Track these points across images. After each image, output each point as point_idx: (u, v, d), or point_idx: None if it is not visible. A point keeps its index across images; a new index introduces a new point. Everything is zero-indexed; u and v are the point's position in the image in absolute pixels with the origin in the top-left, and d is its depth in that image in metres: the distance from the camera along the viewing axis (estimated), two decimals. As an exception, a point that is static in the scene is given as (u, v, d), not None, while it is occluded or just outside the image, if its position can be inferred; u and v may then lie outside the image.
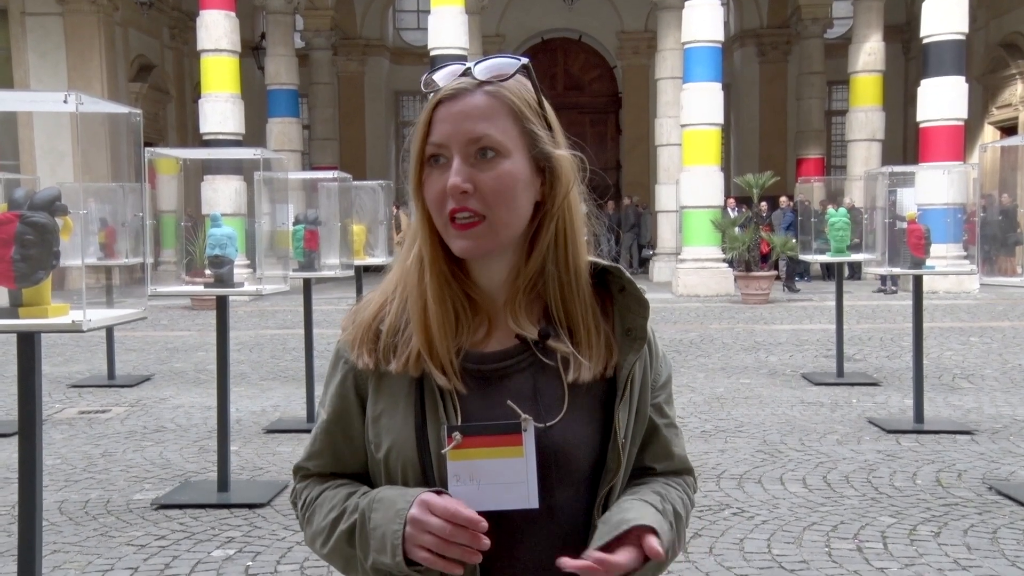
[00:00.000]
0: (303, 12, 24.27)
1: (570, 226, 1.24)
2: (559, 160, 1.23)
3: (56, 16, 19.92)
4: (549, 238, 1.23)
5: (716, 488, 5.39)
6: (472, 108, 1.19)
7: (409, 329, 1.24)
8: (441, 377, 1.20)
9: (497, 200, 1.18)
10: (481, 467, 1.14)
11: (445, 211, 1.18)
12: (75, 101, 3.27)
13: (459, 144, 1.18)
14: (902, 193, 11.95)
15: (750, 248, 16.13)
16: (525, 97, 1.21)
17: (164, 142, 22.57)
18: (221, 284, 5.54)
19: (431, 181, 1.20)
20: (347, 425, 1.29)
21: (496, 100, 1.19)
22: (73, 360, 10.58)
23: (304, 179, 11.56)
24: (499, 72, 1.20)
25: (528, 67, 1.22)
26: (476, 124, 1.18)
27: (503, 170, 1.18)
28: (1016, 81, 21.13)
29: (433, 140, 1.20)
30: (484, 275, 1.25)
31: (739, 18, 27.45)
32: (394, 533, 1.15)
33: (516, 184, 1.19)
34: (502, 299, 1.26)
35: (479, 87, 1.20)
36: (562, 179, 1.23)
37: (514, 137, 1.19)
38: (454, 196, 1.17)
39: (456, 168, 1.17)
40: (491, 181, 1.17)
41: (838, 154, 26.80)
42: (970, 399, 7.89)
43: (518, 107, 1.20)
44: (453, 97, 1.20)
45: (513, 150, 1.19)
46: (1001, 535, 4.57)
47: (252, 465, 6.08)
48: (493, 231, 1.19)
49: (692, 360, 10.01)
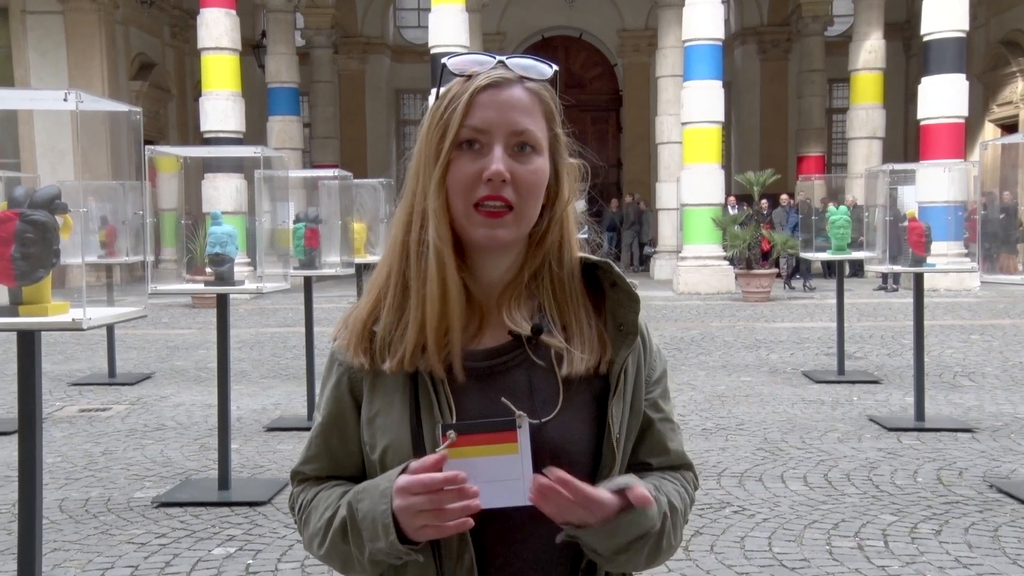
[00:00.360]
0: (304, 10, 24.27)
1: (567, 229, 1.27)
2: (569, 168, 1.27)
3: (57, 14, 19.93)
4: (553, 239, 1.25)
5: (717, 486, 5.39)
6: (517, 100, 1.20)
7: (404, 322, 1.22)
8: (439, 368, 1.20)
9: (528, 194, 1.20)
10: (476, 465, 1.14)
11: (474, 196, 1.18)
12: (75, 99, 3.27)
13: (503, 133, 1.19)
14: (903, 191, 11.95)
15: (751, 246, 16.12)
16: (554, 102, 1.25)
17: (165, 140, 22.59)
18: (222, 282, 5.54)
19: (461, 164, 1.19)
20: (343, 428, 1.29)
21: (535, 98, 1.22)
22: (74, 358, 10.58)
23: (305, 177, 11.56)
24: (538, 73, 1.23)
25: (557, 75, 1.25)
26: (520, 117, 1.20)
27: (538, 166, 1.21)
28: (1017, 79, 21.11)
29: (472, 124, 1.19)
30: (487, 269, 1.25)
31: (740, 16, 27.43)
32: (383, 513, 1.14)
33: (544, 181, 1.22)
34: (495, 296, 1.26)
35: (520, 81, 1.22)
36: (568, 186, 1.27)
37: (545, 137, 1.23)
38: (493, 183, 1.17)
39: (499, 155, 1.18)
40: (528, 175, 1.19)
41: (839, 152, 26.80)
42: (971, 397, 7.89)
43: (551, 110, 1.24)
44: (497, 86, 1.20)
45: (544, 149, 1.22)
46: (1002, 533, 4.57)
47: (253, 463, 6.08)
48: (517, 224, 1.20)
49: (693, 358, 10.01)
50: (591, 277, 1.29)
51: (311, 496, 1.30)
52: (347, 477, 1.29)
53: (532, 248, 1.25)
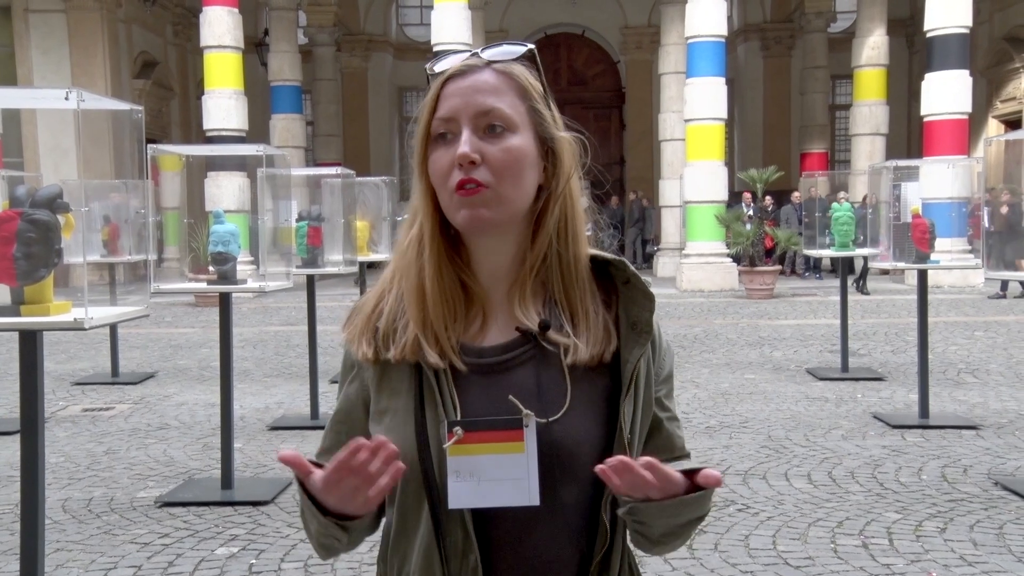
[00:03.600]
0: (306, 8, 24.27)
1: (571, 209, 1.24)
2: (562, 142, 1.24)
3: (59, 13, 19.93)
4: (554, 220, 1.23)
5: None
6: (482, 83, 1.20)
7: (406, 315, 1.23)
8: (434, 355, 1.19)
9: (504, 172, 1.18)
10: (481, 463, 1.13)
11: (451, 183, 1.17)
12: (77, 98, 3.26)
13: (468, 116, 1.18)
14: (906, 187, 11.92)
15: (754, 243, 16.11)
16: (531, 79, 1.23)
17: (167, 139, 22.59)
18: (224, 281, 5.53)
19: (436, 157, 1.20)
20: (352, 423, 1.29)
21: (505, 77, 1.21)
22: (76, 358, 10.59)
23: (307, 175, 11.56)
24: (506, 54, 1.23)
25: (534, 52, 1.24)
26: (486, 98, 1.19)
27: (511, 144, 1.19)
28: (1020, 75, 21.05)
29: (441, 115, 1.19)
30: (487, 260, 1.24)
31: (742, 12, 27.38)
32: (305, 500, 1.18)
33: (523, 159, 1.19)
34: (502, 290, 1.24)
35: (488, 66, 1.21)
36: (565, 161, 1.24)
37: (522, 114, 1.21)
38: (463, 166, 1.16)
39: (465, 138, 1.17)
40: (499, 153, 1.18)
41: (842, 148, 26.74)
42: (975, 394, 7.87)
43: (525, 86, 1.22)
44: (462, 74, 1.20)
45: (521, 127, 1.20)
46: (1007, 530, 4.55)
47: (256, 462, 6.07)
48: (497, 201, 1.18)
49: (696, 356, 9.99)
50: (603, 274, 1.28)
51: None
52: None
53: (534, 231, 1.23)
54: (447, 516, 1.18)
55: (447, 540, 1.18)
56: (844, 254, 9.38)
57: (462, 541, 1.18)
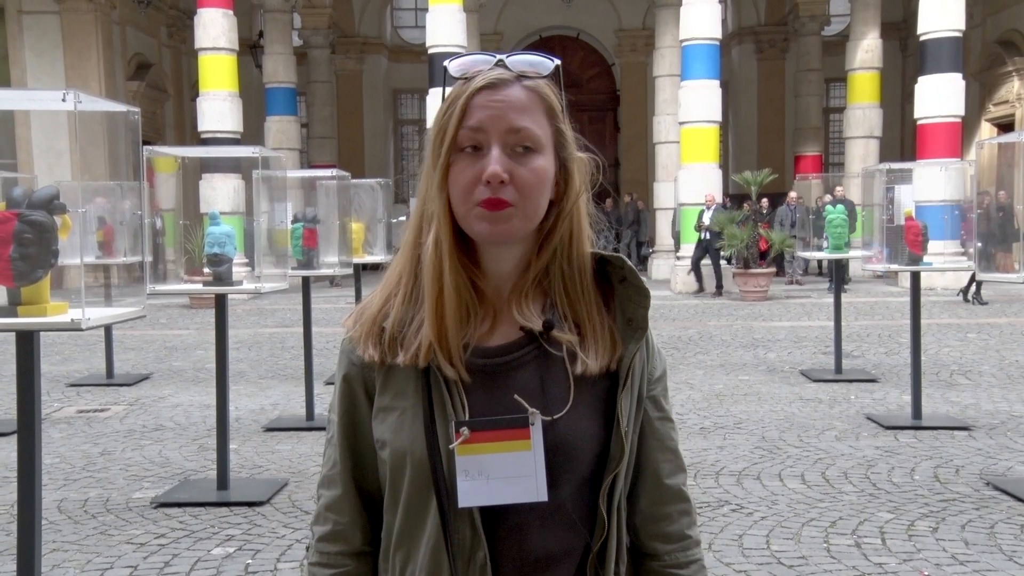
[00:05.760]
0: (301, 10, 24.24)
1: (578, 225, 1.26)
2: (578, 163, 1.25)
3: (53, 14, 19.89)
4: (560, 236, 1.24)
5: (715, 485, 5.40)
6: (514, 100, 1.19)
7: (417, 320, 1.23)
8: (448, 367, 1.20)
9: (530, 192, 1.18)
10: (489, 462, 1.15)
11: (474, 198, 1.18)
12: (73, 99, 3.28)
13: (499, 133, 1.18)
14: (900, 190, 11.97)
15: (748, 245, 16.13)
16: (555, 98, 1.23)
17: (162, 141, 22.56)
18: (220, 282, 5.54)
19: (461, 168, 1.19)
20: (357, 422, 1.29)
21: (535, 96, 1.21)
22: (72, 359, 10.58)
23: (303, 177, 11.54)
24: (537, 70, 1.23)
25: (559, 69, 1.24)
26: (518, 116, 1.18)
27: (538, 165, 1.19)
28: (1013, 78, 21.13)
29: (470, 125, 1.18)
30: (495, 264, 1.24)
31: (737, 15, 27.44)
32: None
33: (547, 179, 1.21)
34: (504, 294, 1.26)
35: (517, 80, 1.21)
36: (577, 181, 1.25)
37: (547, 134, 1.21)
38: (492, 184, 1.16)
39: (495, 156, 1.17)
40: (527, 174, 1.18)
41: (836, 151, 26.81)
42: (968, 395, 7.90)
43: (552, 105, 1.22)
44: (493, 87, 1.19)
45: (545, 147, 1.21)
46: (998, 530, 4.58)
47: (251, 463, 6.08)
48: (520, 219, 1.19)
49: (691, 357, 10.01)
50: (601, 272, 1.29)
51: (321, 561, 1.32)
52: (370, 475, 1.29)
53: (541, 243, 1.24)
54: (455, 514, 1.19)
55: (454, 538, 1.19)
56: (838, 256, 9.42)
57: (470, 539, 1.19)
